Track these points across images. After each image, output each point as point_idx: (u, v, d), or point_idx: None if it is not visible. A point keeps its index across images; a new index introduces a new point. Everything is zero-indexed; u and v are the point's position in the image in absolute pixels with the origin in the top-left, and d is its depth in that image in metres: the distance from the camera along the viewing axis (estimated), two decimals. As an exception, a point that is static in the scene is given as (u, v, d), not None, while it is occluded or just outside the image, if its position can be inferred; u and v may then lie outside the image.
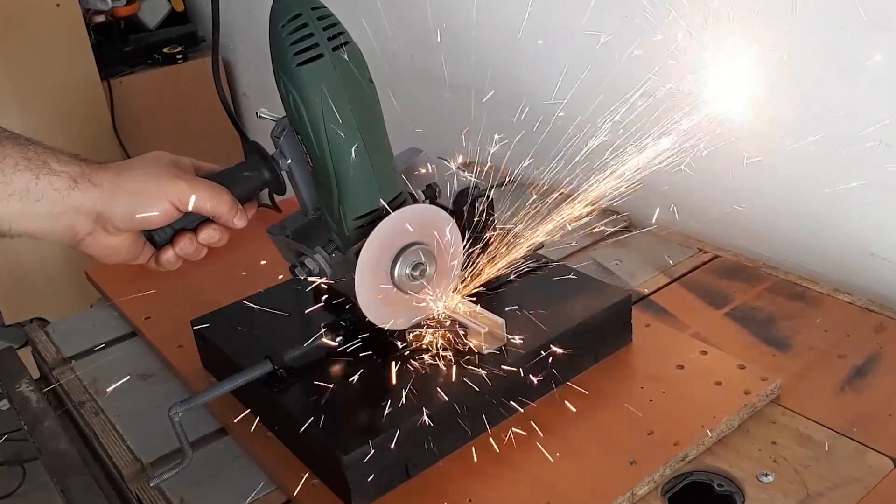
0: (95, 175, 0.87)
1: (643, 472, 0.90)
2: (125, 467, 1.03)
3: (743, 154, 1.36)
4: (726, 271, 1.31)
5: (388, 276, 0.96)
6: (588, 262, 1.37)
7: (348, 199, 0.94)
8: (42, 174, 0.84)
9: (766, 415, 0.99)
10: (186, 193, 0.89)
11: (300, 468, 0.96)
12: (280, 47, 0.88)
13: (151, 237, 0.93)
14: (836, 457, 0.92)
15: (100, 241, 0.90)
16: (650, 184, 1.50)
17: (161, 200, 0.89)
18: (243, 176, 0.96)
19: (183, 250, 0.94)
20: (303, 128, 0.90)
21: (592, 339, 1.06)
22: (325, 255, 0.97)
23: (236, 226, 0.94)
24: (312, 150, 0.91)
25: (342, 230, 0.95)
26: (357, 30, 1.65)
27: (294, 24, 0.87)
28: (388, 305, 0.98)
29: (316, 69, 0.88)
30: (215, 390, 0.95)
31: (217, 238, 0.95)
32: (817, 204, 1.29)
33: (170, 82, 2.71)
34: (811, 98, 1.24)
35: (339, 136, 0.90)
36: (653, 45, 1.43)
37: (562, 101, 1.48)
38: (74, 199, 0.85)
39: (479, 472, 0.93)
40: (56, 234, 0.87)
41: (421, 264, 0.97)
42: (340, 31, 0.89)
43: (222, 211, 0.92)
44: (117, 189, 0.87)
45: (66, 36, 2.48)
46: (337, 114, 0.89)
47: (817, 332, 1.14)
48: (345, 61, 0.89)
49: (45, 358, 1.28)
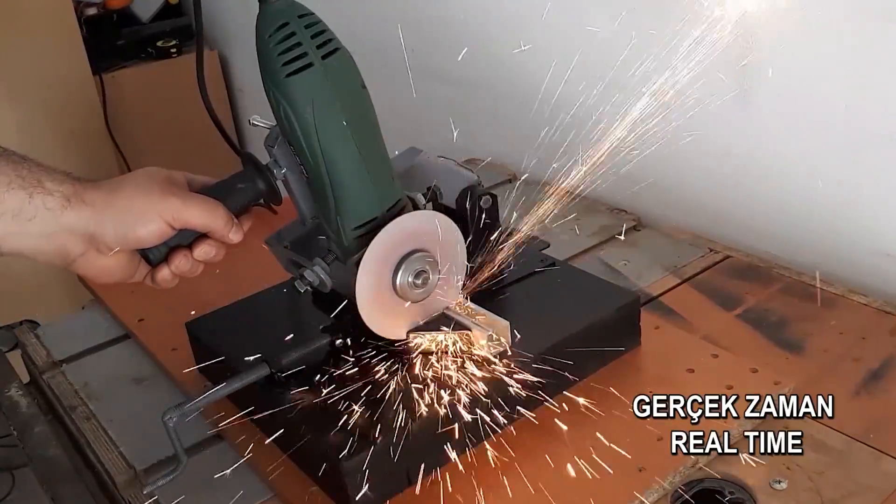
0: (87, 194, 0.87)
1: (652, 479, 0.90)
2: (118, 474, 1.03)
3: (754, 151, 1.37)
4: (738, 272, 1.31)
5: (389, 285, 0.96)
6: (595, 263, 1.37)
7: (346, 210, 0.94)
8: (36, 193, 0.85)
9: (780, 420, 0.99)
10: (179, 210, 0.90)
11: (298, 475, 0.96)
12: (268, 58, 0.87)
13: (146, 255, 0.93)
14: (851, 463, 0.92)
15: (92, 261, 0.90)
16: (660, 181, 1.50)
17: (154, 219, 0.89)
18: (238, 188, 0.95)
19: (179, 268, 0.94)
20: (295, 139, 0.90)
21: (599, 342, 1.06)
22: (325, 265, 0.97)
23: (232, 241, 0.95)
24: (306, 161, 0.91)
25: (341, 240, 0.95)
26: (357, 22, 1.65)
27: (281, 34, 0.86)
28: (391, 315, 0.98)
29: (306, 79, 0.87)
30: (211, 395, 0.95)
31: (213, 254, 0.95)
32: (832, 203, 1.29)
33: (164, 77, 2.71)
34: (826, 95, 1.24)
35: (333, 145, 0.90)
36: (657, 38, 1.43)
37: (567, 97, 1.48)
38: (67, 219, 0.86)
39: (482, 478, 0.93)
40: (47, 254, 0.88)
41: (423, 272, 0.97)
42: (330, 37, 0.88)
43: (217, 226, 0.92)
44: (109, 208, 0.87)
45: (57, 29, 2.47)
46: (330, 123, 0.89)
47: (832, 334, 1.13)
48: (335, 69, 0.88)
49: (36, 361, 1.28)
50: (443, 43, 1.88)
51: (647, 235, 1.45)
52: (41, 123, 2.45)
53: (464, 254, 1.01)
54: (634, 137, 1.55)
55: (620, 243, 1.43)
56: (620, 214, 1.52)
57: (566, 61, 1.58)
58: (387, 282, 0.96)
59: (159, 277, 0.95)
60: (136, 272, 0.95)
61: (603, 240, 1.44)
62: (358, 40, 0.96)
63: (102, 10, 2.69)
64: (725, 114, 1.37)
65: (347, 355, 1.01)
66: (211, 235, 0.94)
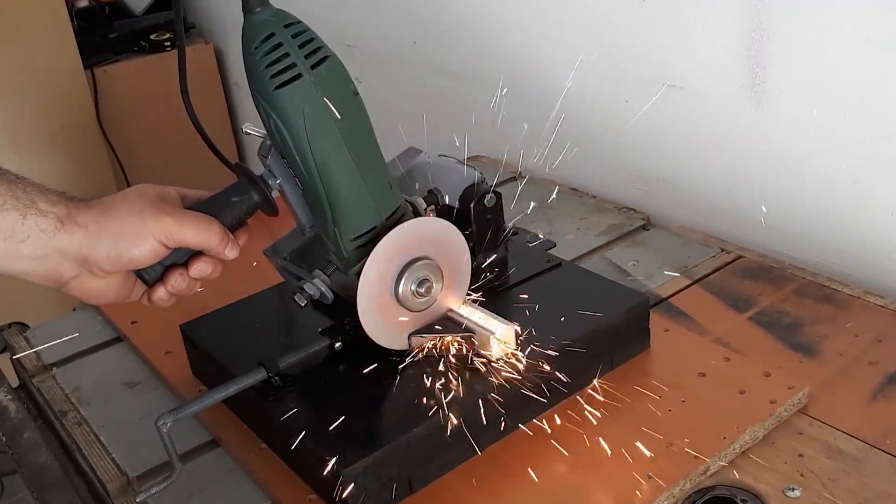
0: (80, 215, 0.88)
1: (662, 486, 0.90)
2: (110, 481, 1.03)
3: (768, 148, 1.37)
4: (750, 272, 1.31)
5: (392, 294, 0.97)
6: (603, 263, 1.37)
7: (343, 221, 0.94)
8: (29, 214, 0.85)
9: (793, 425, 0.99)
10: (173, 230, 0.90)
11: (296, 482, 0.96)
12: (255, 70, 0.87)
13: (141, 276, 0.94)
14: (868, 470, 0.92)
15: (86, 284, 0.91)
16: (670, 179, 1.50)
17: (147, 239, 0.89)
18: (232, 202, 0.95)
19: (175, 287, 0.94)
20: (288, 152, 0.90)
21: (607, 344, 1.06)
22: (325, 278, 0.97)
23: (228, 257, 0.95)
24: (300, 173, 0.91)
25: (340, 251, 0.96)
26: (358, 14, 1.66)
27: (267, 45, 0.86)
28: (394, 325, 0.98)
29: (295, 90, 0.87)
30: (206, 399, 0.95)
31: (210, 271, 0.95)
32: (847, 201, 1.29)
33: (157, 71, 2.71)
34: (840, 91, 1.24)
35: (327, 157, 0.90)
36: (669, 30, 1.43)
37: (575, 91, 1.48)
38: (60, 242, 0.86)
39: (487, 486, 0.93)
40: (39, 275, 0.88)
41: (426, 280, 0.97)
42: (318, 45, 0.88)
43: (212, 244, 0.93)
44: (101, 229, 0.88)
45: (47, 22, 2.48)
46: (323, 135, 0.89)
47: (847, 337, 1.14)
48: (326, 78, 0.88)
49: (25, 365, 1.28)
50: (445, 35, 1.89)
51: (656, 235, 1.45)
52: (30, 119, 2.46)
53: (468, 259, 1.01)
54: (644, 133, 1.55)
55: (629, 243, 1.43)
56: (629, 213, 1.52)
57: (575, 54, 1.58)
58: (389, 291, 0.97)
59: (155, 297, 0.95)
60: (132, 293, 0.95)
61: (611, 239, 1.44)
62: (358, 32, 0.96)
63: (94, 2, 2.69)
64: (738, 110, 1.37)
65: (347, 359, 1.01)
66: (206, 253, 0.94)
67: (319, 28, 0.90)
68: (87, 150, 2.57)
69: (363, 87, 0.94)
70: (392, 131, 0.99)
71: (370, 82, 2.02)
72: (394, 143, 1.11)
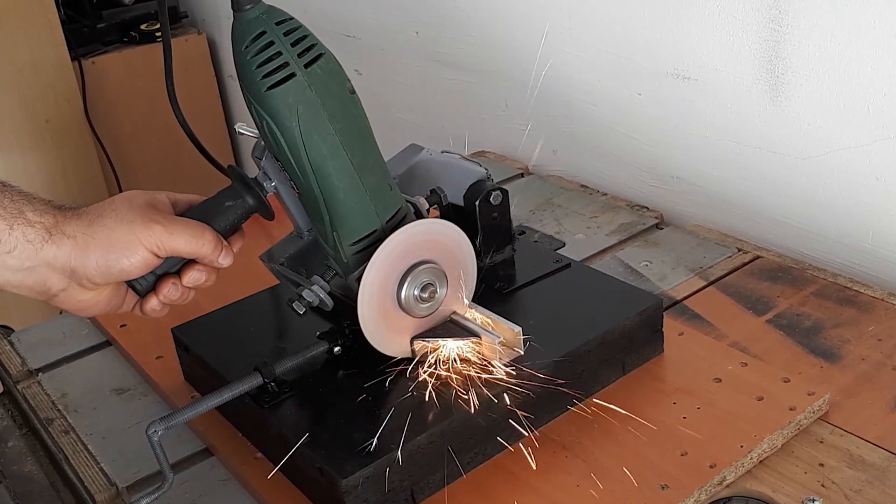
0: (68, 225, 0.88)
1: (676, 497, 0.90)
2: (98, 492, 1.03)
3: (786, 143, 1.37)
4: (769, 273, 1.31)
5: (394, 300, 0.97)
6: (614, 263, 1.37)
7: (342, 225, 0.94)
8: (17, 224, 0.85)
9: (813, 433, 0.99)
10: (164, 239, 0.90)
11: (293, 493, 0.96)
12: (246, 70, 0.87)
13: (133, 286, 0.94)
14: (892, 480, 0.92)
15: (75, 296, 0.91)
16: (685, 176, 1.50)
17: (137, 249, 0.89)
18: (225, 207, 0.95)
19: (168, 296, 0.94)
20: (282, 155, 0.90)
21: (619, 349, 1.06)
22: (324, 283, 0.97)
23: (222, 265, 0.95)
24: (296, 176, 0.91)
25: (339, 256, 0.95)
26: (358, 4, 1.67)
27: (258, 44, 0.86)
28: (397, 332, 0.98)
29: (288, 91, 0.87)
30: (199, 406, 0.95)
31: (203, 279, 0.95)
32: (869, 200, 1.29)
33: (148, 63, 2.71)
34: (861, 85, 1.24)
35: (323, 160, 0.90)
36: (682, 23, 1.43)
37: (584, 85, 1.48)
38: (47, 253, 0.86)
39: (493, 497, 0.93)
40: (26, 287, 0.89)
41: (430, 285, 0.97)
42: (312, 43, 0.88)
43: (205, 252, 0.93)
44: (90, 241, 0.88)
45: (33, 11, 2.48)
46: (318, 136, 0.89)
47: (870, 341, 1.14)
48: (320, 77, 0.88)
49: (9, 370, 1.28)
50: (449, 26, 1.89)
51: (670, 234, 1.45)
52: (15, 112, 2.46)
53: (473, 261, 1.01)
54: (657, 127, 1.55)
55: (641, 242, 1.43)
56: (641, 211, 1.52)
57: (584, 46, 1.58)
58: (391, 297, 0.96)
59: (148, 308, 0.95)
60: (123, 303, 0.96)
61: (622, 238, 1.44)
62: (358, 22, 0.96)
63: (81, -10, 2.69)
64: (755, 103, 1.37)
65: (346, 364, 1.01)
66: (199, 261, 0.94)
67: (318, 18, 0.90)
68: (75, 146, 2.57)
69: (363, 78, 0.94)
70: (393, 127, 0.98)
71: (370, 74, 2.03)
72: (394, 139, 1.11)
